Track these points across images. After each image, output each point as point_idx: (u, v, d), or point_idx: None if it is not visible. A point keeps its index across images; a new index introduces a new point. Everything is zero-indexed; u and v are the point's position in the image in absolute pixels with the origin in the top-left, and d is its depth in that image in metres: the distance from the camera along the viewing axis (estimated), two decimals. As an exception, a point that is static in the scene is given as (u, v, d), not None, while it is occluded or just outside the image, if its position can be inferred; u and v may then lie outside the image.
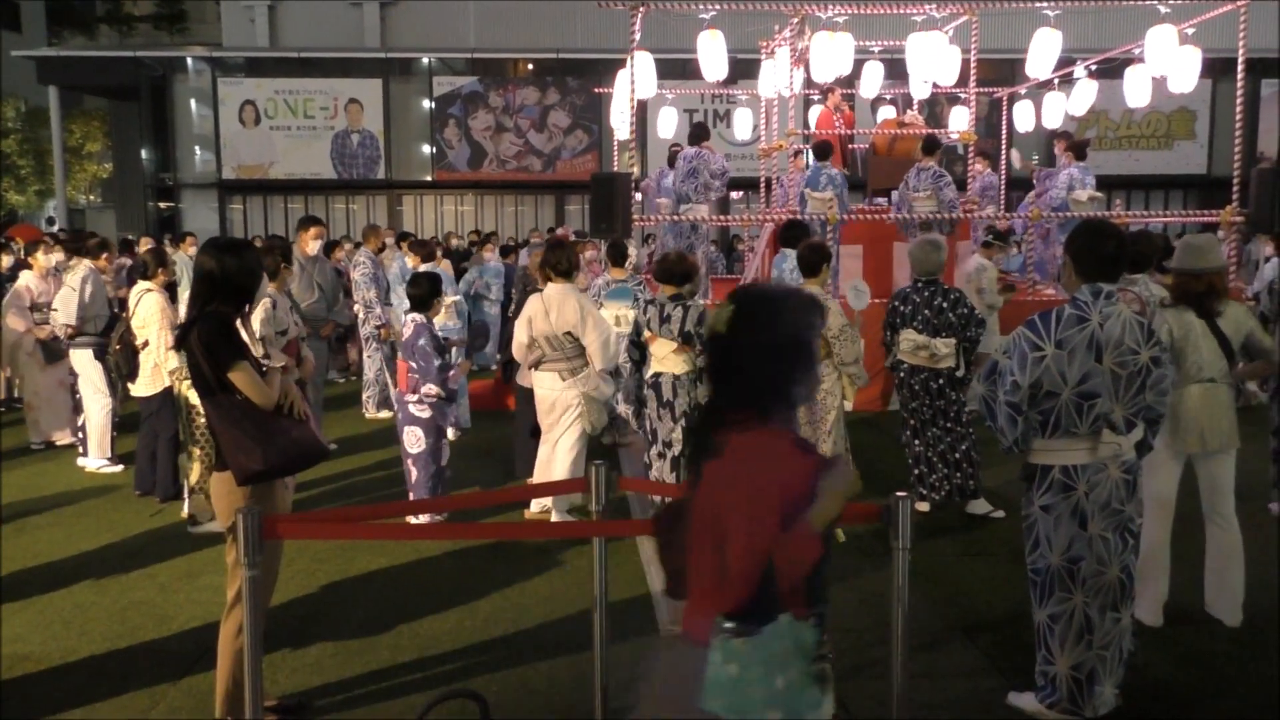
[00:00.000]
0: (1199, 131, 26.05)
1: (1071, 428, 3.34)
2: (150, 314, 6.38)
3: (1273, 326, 6.21)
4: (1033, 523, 3.48)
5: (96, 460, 7.41)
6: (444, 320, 8.38)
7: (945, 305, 5.98)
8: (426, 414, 5.88)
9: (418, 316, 5.91)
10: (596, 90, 20.69)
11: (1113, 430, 3.34)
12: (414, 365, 5.80)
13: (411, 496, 5.90)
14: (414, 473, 5.88)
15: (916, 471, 6.15)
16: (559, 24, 27.92)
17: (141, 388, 6.54)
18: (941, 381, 6.03)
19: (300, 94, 26.31)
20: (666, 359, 5.86)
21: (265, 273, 5.82)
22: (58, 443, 8.23)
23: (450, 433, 8.33)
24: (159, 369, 6.46)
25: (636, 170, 10.34)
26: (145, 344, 6.42)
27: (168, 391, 6.49)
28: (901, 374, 6.17)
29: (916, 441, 6.16)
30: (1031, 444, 3.46)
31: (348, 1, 30.37)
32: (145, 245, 10.82)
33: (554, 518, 5.89)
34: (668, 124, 13.45)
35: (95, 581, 5.12)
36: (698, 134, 10.42)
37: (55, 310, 7.42)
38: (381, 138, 26.46)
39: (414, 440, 5.87)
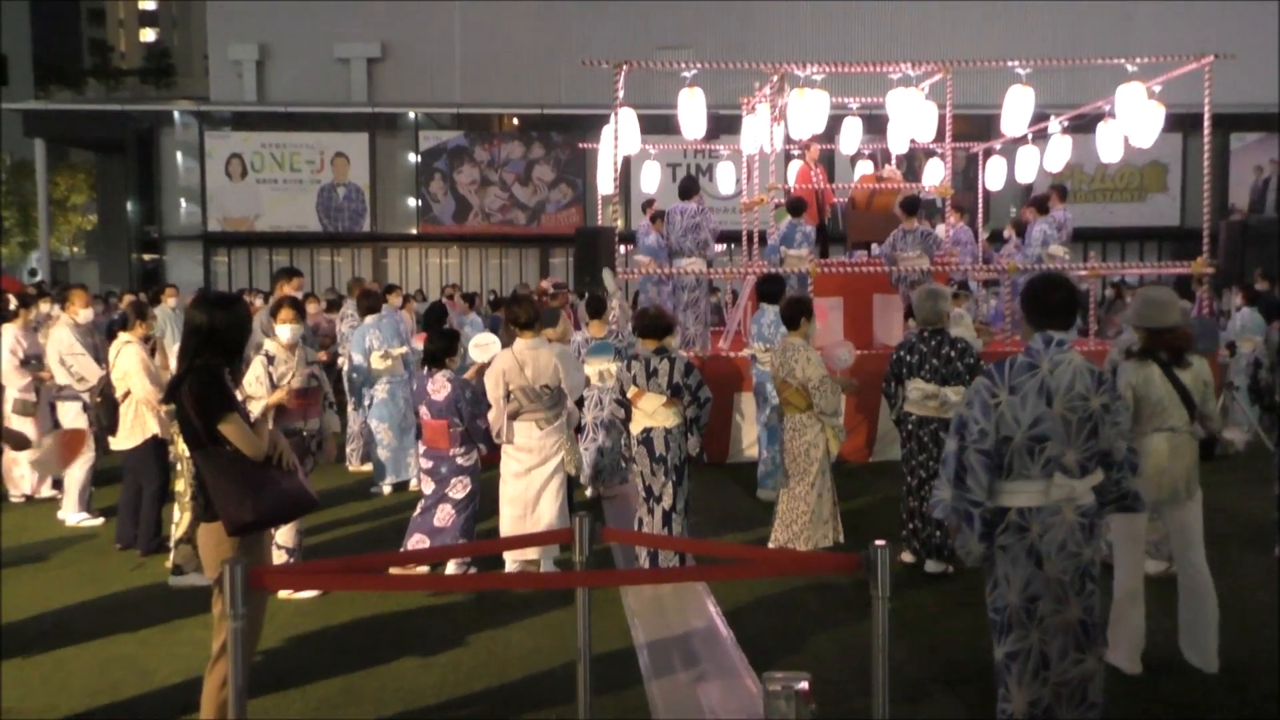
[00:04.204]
0: (1171, 184, 26.57)
1: (1024, 470, 3.43)
2: (130, 366, 6.40)
3: (1268, 375, 6.27)
4: (993, 563, 3.54)
5: (75, 515, 7.37)
6: (395, 370, 8.46)
7: (953, 354, 5.94)
8: (472, 460, 6.02)
9: (448, 373, 5.99)
10: (581, 145, 20.96)
11: (1065, 474, 3.42)
12: (457, 420, 5.89)
13: (415, 543, 5.91)
14: (451, 517, 5.95)
15: (911, 526, 6.10)
16: (543, 80, 28.34)
17: (122, 440, 6.53)
18: None
19: (287, 147, 26.53)
20: (656, 413, 5.90)
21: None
22: (37, 496, 8.18)
23: (386, 487, 8.37)
24: (139, 421, 6.46)
25: (620, 224, 10.46)
26: (126, 395, 6.43)
27: (150, 443, 6.49)
28: (910, 426, 6.07)
29: (911, 499, 6.07)
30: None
31: (335, 57, 30.81)
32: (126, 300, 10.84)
33: (542, 568, 5.90)
34: (651, 178, 13.64)
35: (75, 636, 5.07)
36: (689, 188, 10.50)
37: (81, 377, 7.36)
38: (367, 191, 26.66)
39: (460, 487, 5.96)
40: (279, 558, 5.73)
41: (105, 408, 6.49)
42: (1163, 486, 4.39)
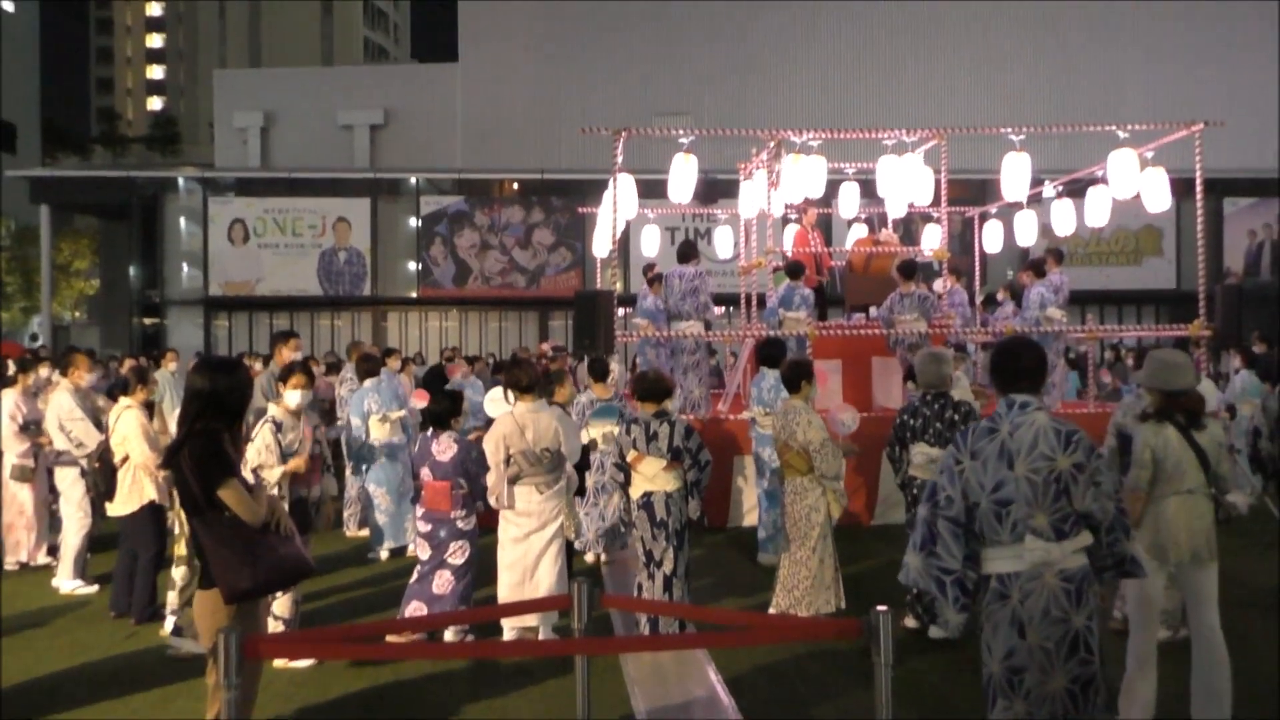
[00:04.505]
0: (1166, 248, 26.85)
1: (994, 535, 3.39)
2: (130, 431, 6.38)
3: (1269, 444, 6.22)
4: (982, 632, 3.50)
5: (70, 582, 7.30)
6: (389, 435, 8.43)
7: (957, 418, 5.91)
8: (471, 525, 5.97)
9: (454, 434, 5.97)
10: (580, 209, 21.20)
11: (1037, 537, 3.34)
12: (460, 482, 5.86)
13: (413, 611, 5.84)
14: (451, 583, 5.87)
15: (915, 591, 6.04)
16: (543, 146, 28.80)
17: (119, 506, 6.47)
18: None
19: (289, 213, 26.84)
20: (657, 477, 5.86)
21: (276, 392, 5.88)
22: (33, 563, 8.09)
23: (383, 553, 8.29)
24: (137, 487, 6.42)
25: (619, 287, 10.53)
26: (124, 460, 6.40)
27: (147, 509, 6.44)
28: (915, 490, 6.03)
29: None
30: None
31: (338, 124, 31.34)
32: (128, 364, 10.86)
33: (541, 635, 5.82)
34: (650, 242, 13.77)
35: (65, 705, 4.99)
36: (688, 252, 10.59)
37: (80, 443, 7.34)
38: (368, 255, 26.90)
39: (460, 552, 5.90)
40: (276, 629, 5.66)
41: (102, 473, 6.44)
42: (1183, 549, 4.36)
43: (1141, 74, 30.10)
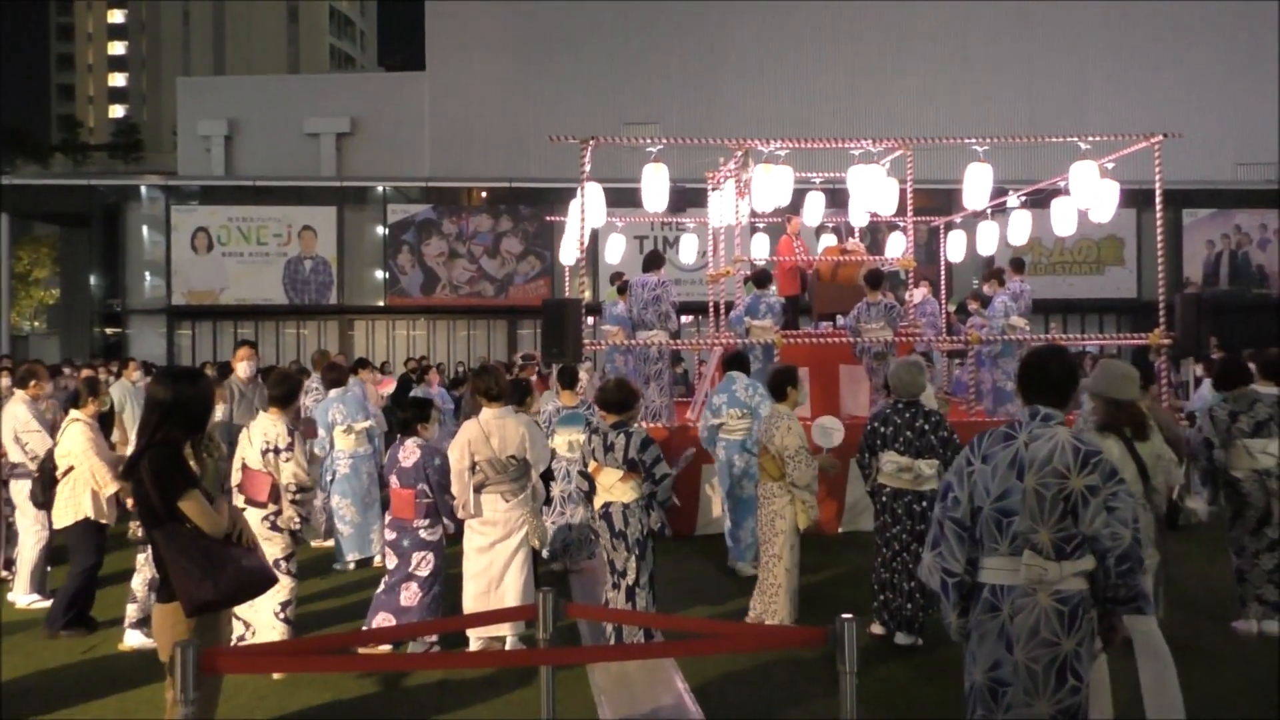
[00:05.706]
0: (1127, 258, 27.23)
1: (993, 544, 3.33)
2: (75, 443, 6.26)
3: (1221, 454, 6.29)
4: (969, 638, 3.49)
5: (26, 596, 7.15)
6: (355, 447, 8.35)
7: (927, 427, 5.93)
8: (436, 536, 5.91)
9: (419, 440, 5.93)
10: (548, 218, 21.15)
11: (1037, 553, 3.26)
12: (425, 489, 5.81)
13: (380, 622, 5.78)
14: (418, 595, 5.83)
15: (882, 598, 6.06)
16: (512, 154, 28.76)
17: (58, 518, 6.37)
18: (925, 504, 5.85)
19: (254, 221, 26.54)
20: (614, 488, 5.80)
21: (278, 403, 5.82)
22: (-12, 577, 7.94)
23: (349, 564, 8.21)
24: (74, 500, 6.29)
25: (587, 295, 10.52)
26: (67, 472, 6.28)
27: (85, 523, 6.33)
28: (884, 498, 6.05)
29: (884, 570, 6.04)
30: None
31: (304, 132, 31.12)
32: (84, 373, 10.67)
33: (508, 644, 5.79)
34: (616, 250, 13.78)
35: (19, 716, 4.91)
36: (654, 261, 10.61)
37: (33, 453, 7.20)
38: (334, 264, 26.66)
39: (424, 564, 5.84)
40: (280, 630, 5.64)
41: (42, 482, 6.33)
42: None
43: (1104, 86, 30.60)
